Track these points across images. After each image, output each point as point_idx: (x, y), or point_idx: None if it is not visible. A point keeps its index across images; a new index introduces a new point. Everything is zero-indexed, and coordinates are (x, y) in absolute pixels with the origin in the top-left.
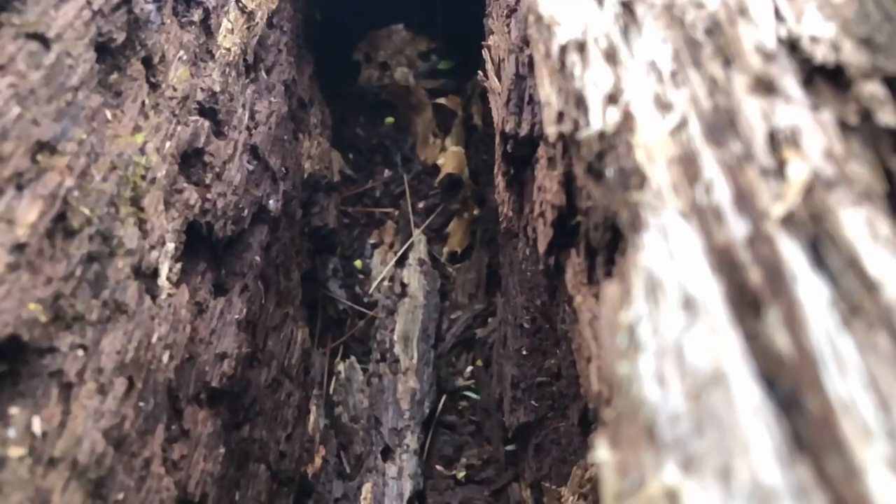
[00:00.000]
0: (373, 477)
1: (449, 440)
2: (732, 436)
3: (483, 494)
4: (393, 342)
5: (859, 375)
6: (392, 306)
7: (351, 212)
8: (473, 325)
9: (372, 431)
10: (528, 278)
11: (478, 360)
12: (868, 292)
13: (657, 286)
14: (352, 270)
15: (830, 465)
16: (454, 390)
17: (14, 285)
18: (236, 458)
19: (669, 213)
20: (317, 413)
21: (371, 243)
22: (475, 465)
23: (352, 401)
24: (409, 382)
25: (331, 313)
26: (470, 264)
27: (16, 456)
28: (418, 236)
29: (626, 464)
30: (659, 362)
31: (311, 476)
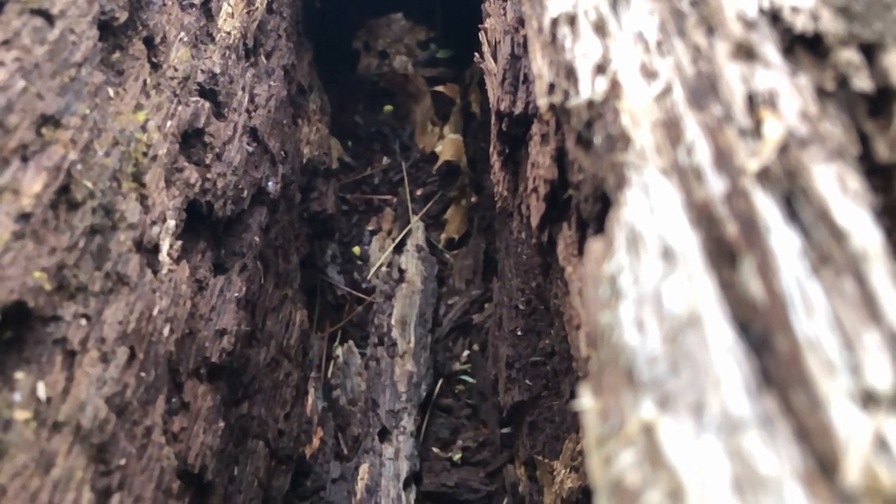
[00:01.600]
0: (370, 458)
1: (445, 423)
2: (705, 373)
3: (479, 476)
4: (390, 326)
5: (826, 317)
6: (390, 291)
7: (349, 199)
8: (470, 310)
9: (369, 413)
10: (523, 261)
11: (474, 345)
12: (837, 242)
13: (638, 239)
14: (350, 257)
15: (796, 398)
16: (451, 374)
17: (19, 253)
18: (235, 434)
19: (651, 170)
20: (315, 395)
21: (369, 230)
22: (471, 448)
23: (349, 384)
24: (407, 366)
25: (329, 299)
26: (467, 251)
27: (21, 419)
28: (416, 223)
29: (607, 409)
30: (638, 309)
31: (309, 457)
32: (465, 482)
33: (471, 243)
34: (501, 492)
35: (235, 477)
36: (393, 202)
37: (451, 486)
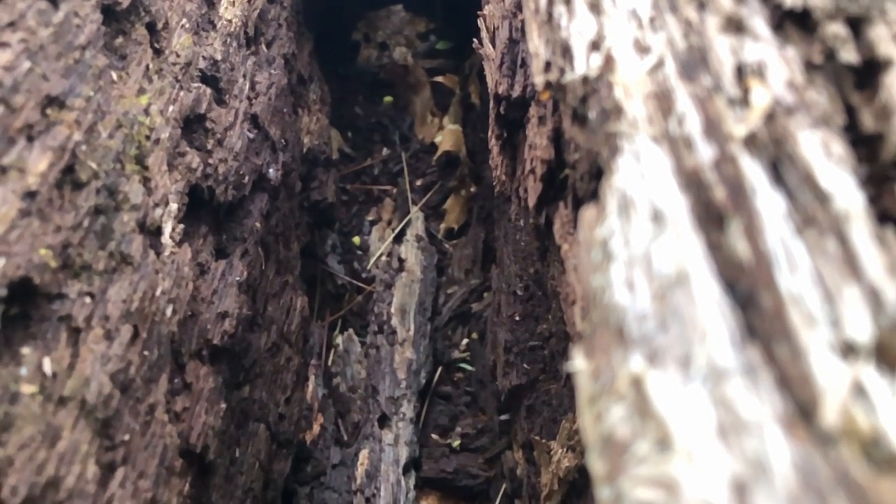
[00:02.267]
0: (369, 444)
1: (444, 410)
2: (692, 328)
3: (477, 462)
4: (390, 314)
5: (809, 274)
6: (390, 280)
7: (349, 189)
8: (469, 299)
9: (369, 400)
10: (521, 248)
11: (473, 334)
12: (820, 203)
13: (629, 204)
14: (350, 247)
15: (778, 349)
16: (450, 362)
17: (25, 230)
18: (236, 417)
19: (642, 138)
20: (315, 383)
21: (369, 220)
22: (470, 434)
23: (350, 371)
24: (406, 353)
25: (329, 288)
26: (466, 240)
27: (28, 392)
28: (416, 213)
29: (598, 369)
30: (629, 270)
31: (310, 442)
32: (464, 468)
33: (470, 233)
34: (500, 477)
35: (237, 459)
36: (393, 192)
37: (450, 471)
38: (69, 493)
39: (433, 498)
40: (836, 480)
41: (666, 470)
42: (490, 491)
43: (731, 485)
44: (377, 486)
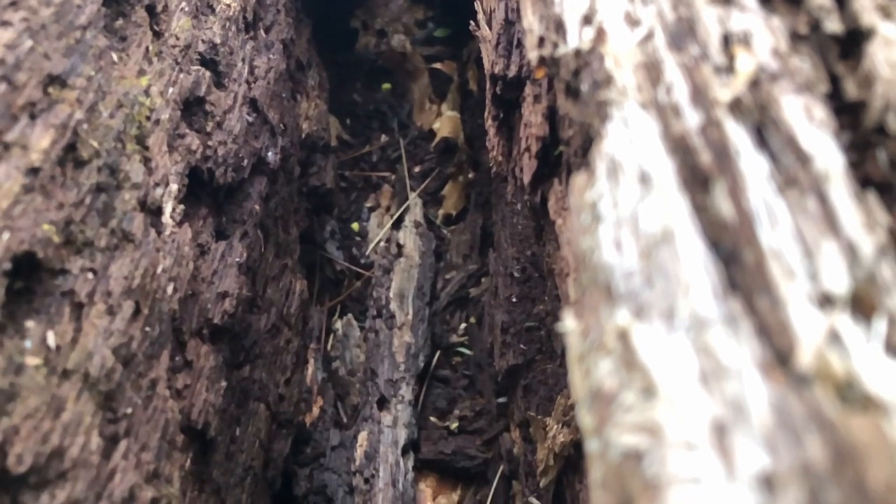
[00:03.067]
0: (368, 426)
1: (443, 393)
2: (677, 282)
3: (475, 444)
4: (389, 299)
5: (789, 230)
6: (388, 265)
7: (348, 176)
8: (467, 284)
9: (368, 383)
10: (518, 231)
11: (471, 318)
12: (802, 164)
13: (618, 167)
14: (349, 233)
15: (759, 301)
16: (448, 346)
17: (29, 206)
18: (237, 396)
19: (631, 105)
20: (315, 366)
21: (368, 206)
22: (468, 417)
23: (349, 355)
24: (405, 337)
25: (328, 274)
26: (464, 226)
27: (32, 364)
28: (414, 199)
29: (587, 328)
30: (617, 230)
31: (309, 425)
32: (462, 449)
33: (468, 219)
34: (497, 459)
35: (237, 437)
36: (391, 179)
37: (448, 453)
38: (73, 463)
39: (432, 479)
40: (809, 419)
41: (650, 416)
42: (488, 472)
43: (712, 426)
44: (376, 467)
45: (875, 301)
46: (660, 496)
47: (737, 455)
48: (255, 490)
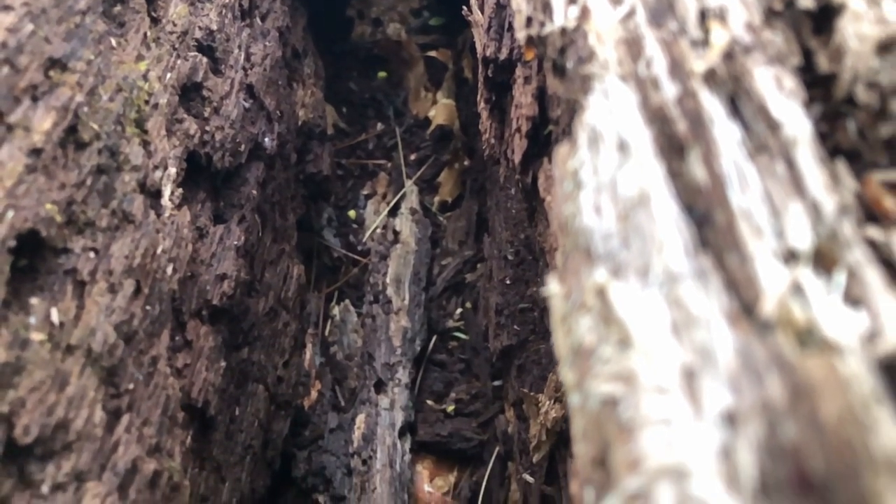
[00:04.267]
0: (366, 408)
1: (439, 377)
2: (651, 241)
3: (471, 426)
4: (385, 284)
5: (758, 192)
6: (385, 252)
7: (345, 164)
8: (463, 270)
9: (365, 367)
10: (512, 215)
11: (467, 303)
12: (772, 131)
13: (598, 137)
14: (346, 220)
15: (728, 257)
16: (444, 331)
17: (32, 186)
18: (236, 377)
19: (612, 78)
20: (312, 351)
21: (364, 194)
22: (464, 400)
23: (346, 340)
24: (401, 321)
25: (326, 261)
26: (460, 213)
27: (37, 339)
28: (410, 187)
29: (569, 290)
30: (596, 196)
31: (308, 408)
32: (459, 431)
33: (463, 206)
34: (493, 440)
35: (237, 417)
36: (387, 167)
37: (444, 435)
38: (78, 435)
39: (429, 461)
40: (770, 361)
41: (626, 365)
42: (484, 453)
43: (682, 372)
44: (374, 449)
45: (836, 256)
46: (634, 437)
47: (704, 397)
48: (254, 469)
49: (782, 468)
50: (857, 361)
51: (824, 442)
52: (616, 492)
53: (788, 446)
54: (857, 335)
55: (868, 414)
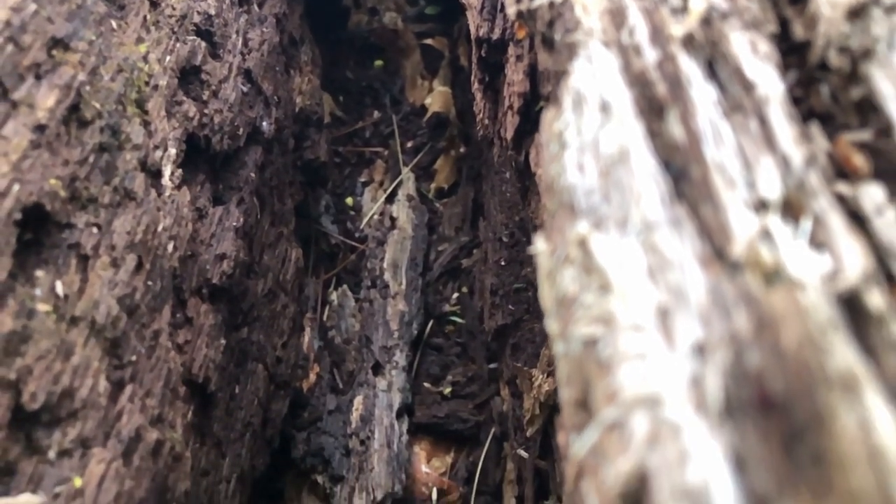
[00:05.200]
0: (364, 390)
1: (436, 360)
2: (630, 193)
3: (468, 407)
4: (382, 269)
5: (732, 147)
6: (382, 237)
7: (342, 151)
8: (459, 255)
9: (363, 350)
10: (507, 198)
11: (463, 288)
12: (746, 92)
13: (582, 99)
14: (343, 207)
15: (702, 207)
16: (441, 315)
17: (37, 161)
18: (236, 356)
19: (595, 44)
20: (311, 335)
21: (361, 181)
22: (460, 382)
23: (344, 325)
24: (399, 305)
25: (323, 248)
26: (456, 199)
27: (43, 310)
28: (407, 174)
29: (555, 247)
30: (580, 155)
31: (306, 391)
32: (455, 413)
33: (460, 192)
34: (489, 421)
35: (237, 395)
36: (384, 154)
37: (441, 416)
38: (83, 403)
39: (426, 442)
40: (738, 298)
41: (605, 308)
42: (480, 434)
43: (657, 311)
44: (371, 430)
45: (803, 205)
46: (612, 372)
47: (676, 332)
48: (254, 446)
49: (746, 391)
50: (818, 295)
51: (785, 366)
52: (595, 422)
53: (752, 372)
54: (820, 274)
55: (825, 339)
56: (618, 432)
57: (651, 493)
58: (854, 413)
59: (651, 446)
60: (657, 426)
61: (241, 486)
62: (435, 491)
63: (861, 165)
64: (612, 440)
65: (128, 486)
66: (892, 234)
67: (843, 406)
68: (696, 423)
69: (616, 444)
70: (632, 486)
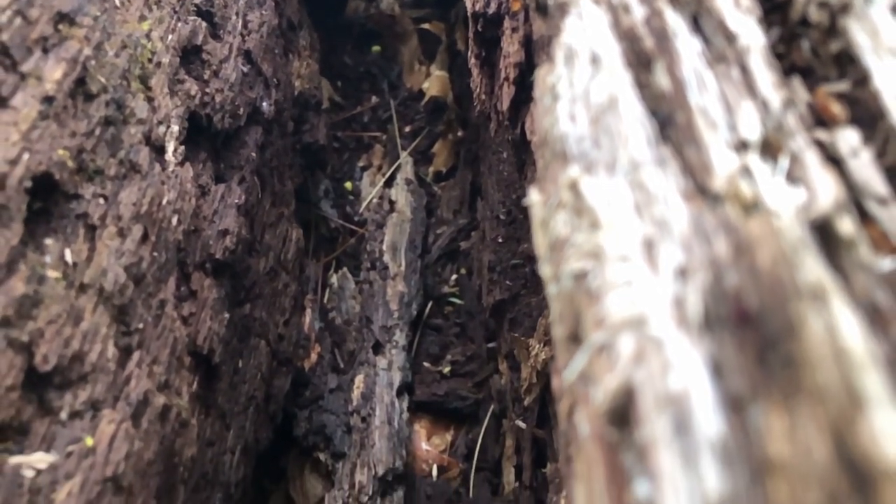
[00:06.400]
0: (364, 369)
1: (435, 340)
2: (619, 137)
3: (467, 385)
4: (382, 252)
5: (715, 93)
6: (381, 220)
7: (340, 136)
8: (458, 238)
9: (363, 330)
10: (504, 178)
11: (462, 269)
12: (729, 43)
13: (573, 54)
14: (342, 192)
15: (686, 148)
16: (440, 297)
17: (45, 131)
18: (239, 331)
19: (585, 2)
20: (311, 316)
21: (360, 166)
22: (459, 361)
23: (344, 307)
24: (398, 286)
25: (323, 232)
26: (454, 182)
27: (53, 276)
28: (405, 158)
29: (548, 196)
30: (572, 105)
31: (308, 370)
32: (455, 391)
33: (457, 175)
34: (488, 399)
35: (240, 369)
36: (382, 139)
37: (441, 394)
38: (93, 367)
39: (426, 420)
40: (718, 226)
41: (594, 243)
42: (479, 412)
43: (642, 242)
44: (372, 407)
45: (781, 144)
46: (600, 300)
47: (661, 259)
48: (257, 419)
49: (724, 307)
50: (792, 221)
51: (760, 282)
52: (584, 347)
53: (730, 290)
54: (795, 205)
55: (796, 256)
56: (606, 354)
57: (636, 404)
58: (822, 319)
59: (637, 363)
60: (642, 344)
61: (245, 458)
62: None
63: (838, 113)
64: (600, 362)
65: (137, 447)
66: (866, 174)
67: (811, 314)
68: (678, 337)
69: (604, 365)
70: (619, 401)
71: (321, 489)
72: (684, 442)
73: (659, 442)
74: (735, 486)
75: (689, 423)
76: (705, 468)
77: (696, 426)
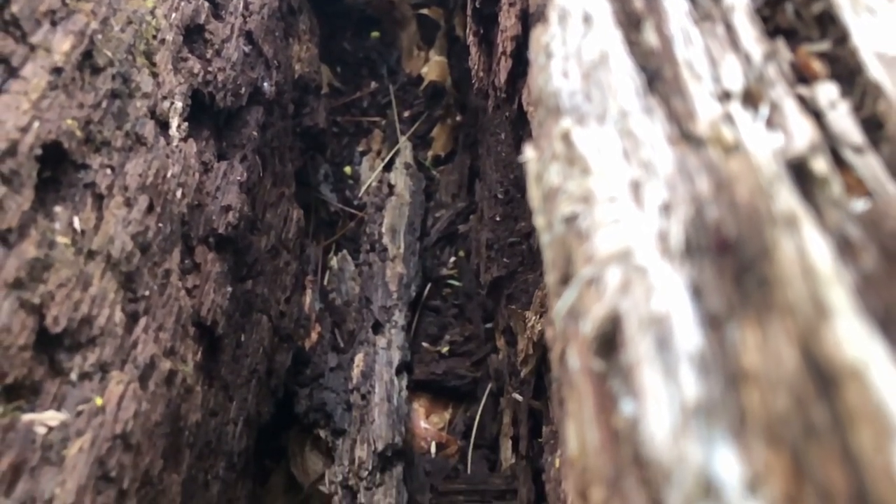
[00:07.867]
0: (364, 348)
1: (434, 321)
2: (609, 89)
3: (465, 364)
4: (381, 234)
5: (700, 48)
6: (380, 204)
7: (340, 121)
8: (456, 221)
9: (363, 310)
10: (502, 158)
11: (460, 252)
12: (714, 2)
13: (566, 14)
14: (342, 176)
15: (672, 98)
16: (438, 279)
17: (54, 101)
18: (241, 306)
19: None
20: (312, 297)
21: (360, 151)
22: (458, 342)
23: (344, 288)
24: (397, 268)
25: (323, 216)
26: (453, 167)
27: (62, 242)
28: (404, 143)
29: (542, 151)
30: (564, 63)
31: (308, 349)
32: (453, 370)
33: (456, 160)
34: (486, 378)
35: (243, 343)
36: (381, 124)
37: (439, 373)
38: (101, 331)
39: (425, 399)
40: (701, 166)
41: (585, 187)
42: (477, 391)
43: (630, 184)
44: (372, 385)
45: (762, 94)
46: (590, 239)
47: (646, 198)
48: (259, 392)
49: (705, 238)
50: (769, 159)
51: (738, 213)
52: (573, 282)
53: (711, 222)
54: (773, 147)
55: (772, 188)
56: (594, 287)
57: (622, 329)
58: (793, 242)
59: (623, 292)
60: (628, 274)
61: (247, 429)
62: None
63: (819, 70)
64: (589, 295)
65: (144, 408)
66: (843, 125)
67: (784, 238)
68: (661, 265)
69: (593, 297)
70: (606, 328)
71: (322, 465)
72: (665, 357)
73: (643, 360)
74: (711, 393)
75: (670, 340)
76: (684, 377)
77: (677, 342)
